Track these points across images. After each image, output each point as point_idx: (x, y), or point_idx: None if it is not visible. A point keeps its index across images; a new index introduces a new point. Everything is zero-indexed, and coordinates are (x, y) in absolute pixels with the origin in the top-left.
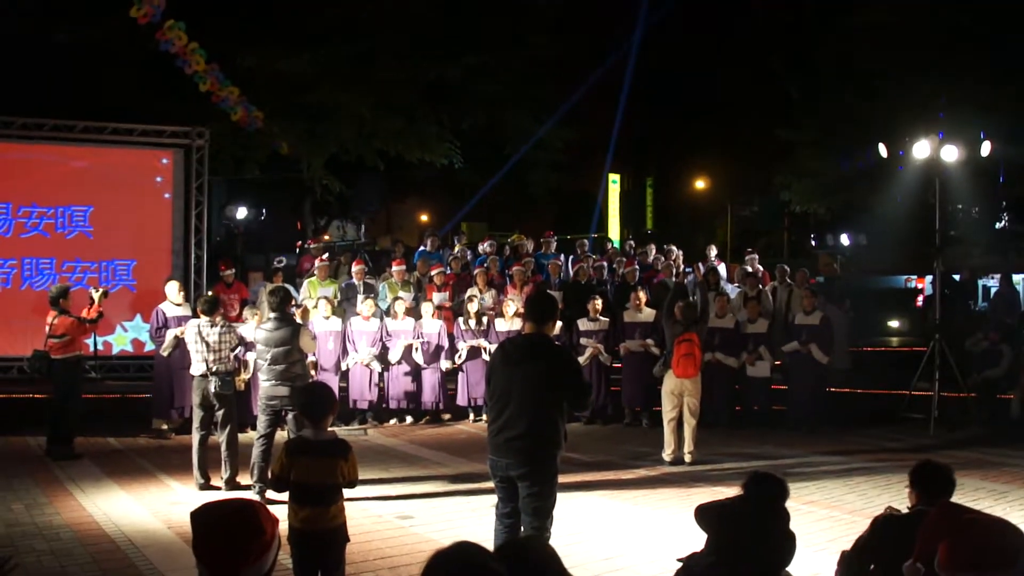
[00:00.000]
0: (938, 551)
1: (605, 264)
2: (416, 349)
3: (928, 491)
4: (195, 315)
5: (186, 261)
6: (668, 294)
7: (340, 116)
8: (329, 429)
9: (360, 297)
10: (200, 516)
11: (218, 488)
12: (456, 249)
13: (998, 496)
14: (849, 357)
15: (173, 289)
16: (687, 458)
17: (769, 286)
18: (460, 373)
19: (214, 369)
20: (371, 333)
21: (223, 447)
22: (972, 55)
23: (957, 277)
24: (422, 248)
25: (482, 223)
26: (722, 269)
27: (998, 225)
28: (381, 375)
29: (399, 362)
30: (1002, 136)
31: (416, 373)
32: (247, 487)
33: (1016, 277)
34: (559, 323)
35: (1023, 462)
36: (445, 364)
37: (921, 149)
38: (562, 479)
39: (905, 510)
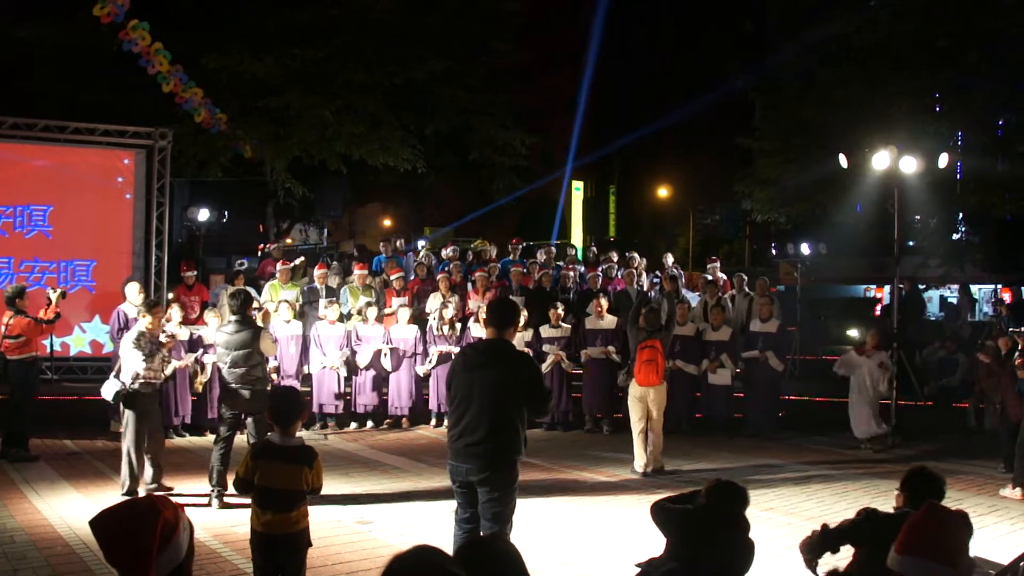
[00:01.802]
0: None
1: (572, 272)
2: (385, 355)
3: (917, 495)
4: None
5: (147, 262)
6: (635, 302)
7: (304, 119)
8: (296, 435)
9: (323, 302)
10: (98, 524)
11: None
12: (421, 254)
13: (954, 504)
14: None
15: (133, 291)
16: (654, 467)
17: (728, 294)
18: (431, 379)
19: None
20: (338, 337)
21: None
22: (930, 68)
23: (922, 287)
24: (383, 254)
25: (446, 228)
26: (680, 277)
27: (955, 236)
28: (348, 380)
29: (367, 367)
30: (959, 147)
31: (384, 379)
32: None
33: (973, 288)
34: (529, 329)
35: (978, 470)
36: (419, 369)
37: (880, 160)
38: (522, 485)
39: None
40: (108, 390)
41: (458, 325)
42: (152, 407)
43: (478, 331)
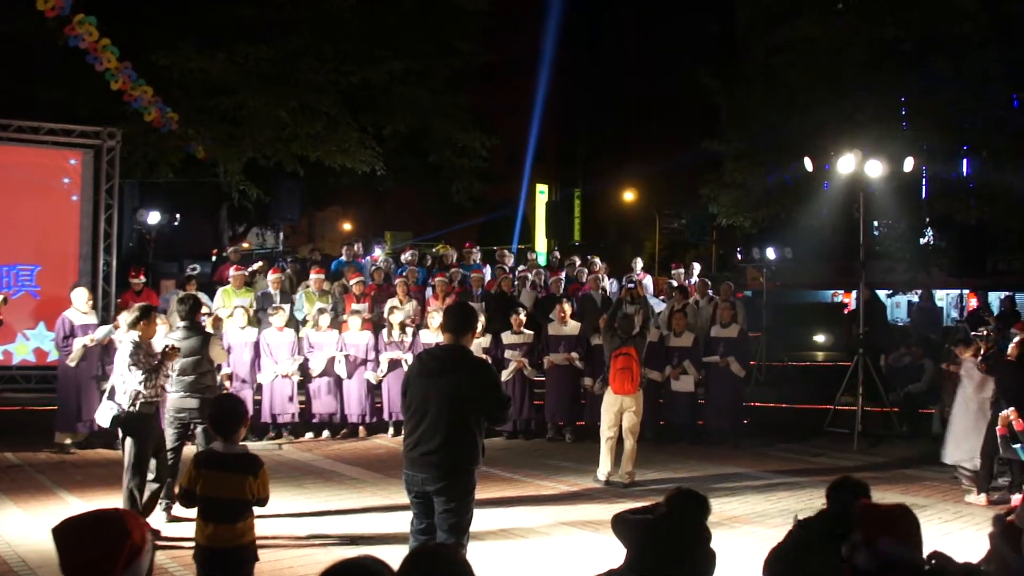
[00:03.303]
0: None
1: (530, 276)
2: (339, 361)
3: (842, 500)
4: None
5: (94, 267)
6: (600, 307)
7: (258, 119)
8: (240, 443)
9: (272, 308)
10: (63, 531)
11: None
12: (380, 259)
13: (918, 510)
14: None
15: (80, 296)
16: (624, 479)
17: (692, 299)
18: (383, 386)
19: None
20: (288, 344)
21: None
22: (896, 72)
23: (888, 292)
24: (342, 257)
25: (406, 232)
26: (648, 282)
27: (922, 240)
28: (302, 387)
29: (321, 375)
30: (924, 152)
31: (339, 386)
32: None
33: (938, 293)
34: (488, 335)
35: (943, 476)
36: (370, 376)
37: (846, 164)
38: (480, 495)
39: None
40: (103, 415)
41: (409, 331)
42: (155, 428)
43: (428, 337)
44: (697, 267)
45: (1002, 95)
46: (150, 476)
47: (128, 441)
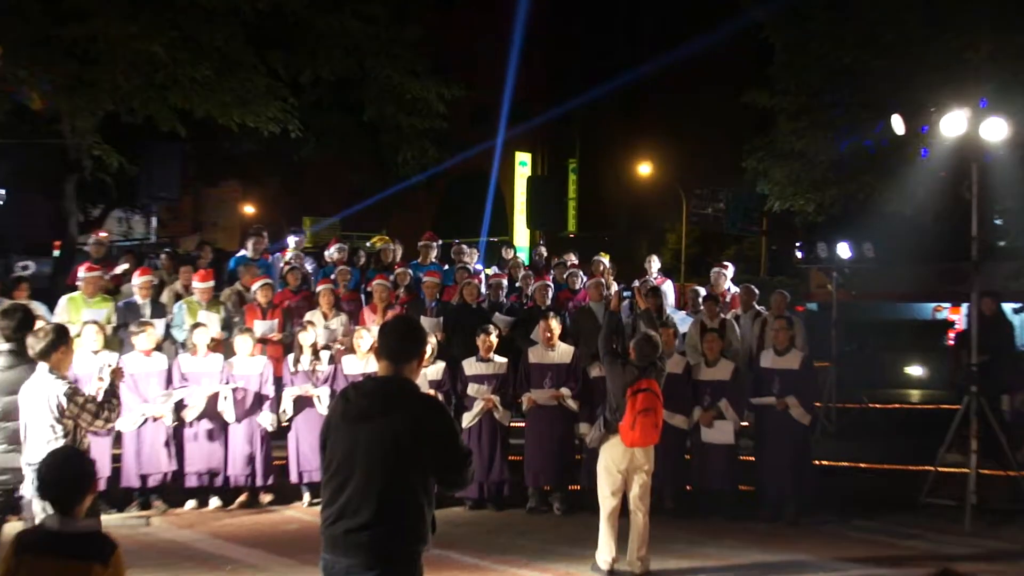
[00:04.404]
0: None
1: (504, 280)
2: (225, 398)
3: None
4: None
5: None
6: (605, 326)
7: (121, 56)
8: (86, 518)
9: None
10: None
11: None
12: (289, 254)
13: None
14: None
15: None
16: (635, 567)
17: (731, 313)
18: (289, 435)
19: None
20: (160, 374)
21: None
22: None
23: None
24: (242, 253)
25: (333, 218)
26: (668, 289)
27: None
28: (177, 434)
29: (200, 418)
30: None
31: (226, 434)
32: None
33: None
34: (441, 363)
35: None
36: (267, 421)
37: (953, 123)
38: None
39: None
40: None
41: (326, 356)
42: None
43: (354, 365)
44: (730, 270)
45: None
46: None
47: None
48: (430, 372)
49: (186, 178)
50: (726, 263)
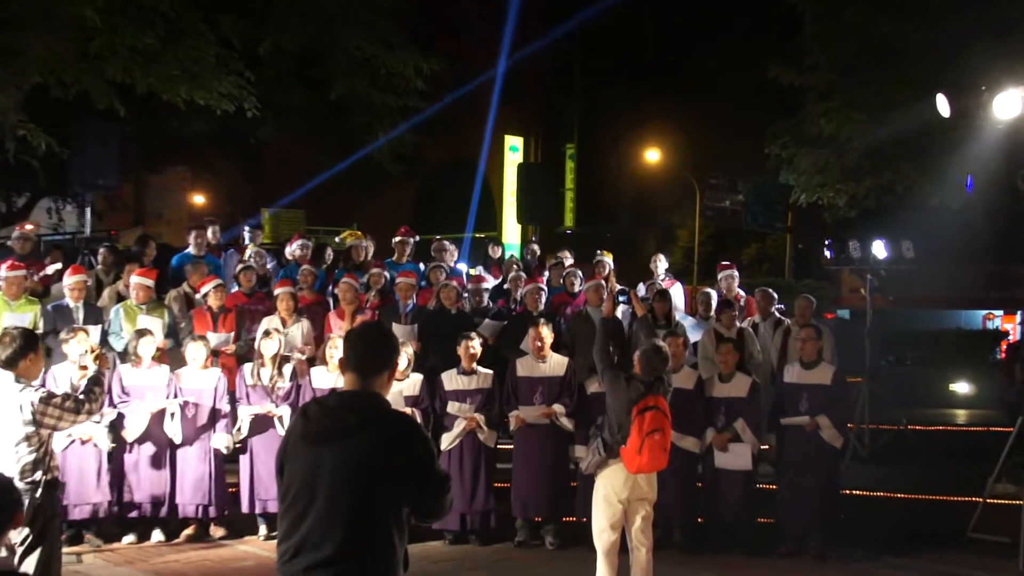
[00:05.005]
0: None
1: (486, 284)
2: (172, 416)
3: None
4: None
5: None
6: (601, 332)
7: (48, 20)
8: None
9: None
10: None
11: None
12: (252, 252)
13: None
14: None
15: None
16: None
17: (748, 321)
18: (243, 458)
19: None
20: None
21: None
22: None
23: None
24: (188, 250)
25: (295, 211)
26: (677, 293)
27: None
28: (111, 458)
29: (143, 439)
30: None
31: (173, 457)
32: None
33: None
34: (417, 376)
35: None
36: (222, 443)
37: (1007, 105)
38: None
39: None
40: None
41: (288, 369)
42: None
43: (323, 379)
44: (735, 276)
45: None
46: None
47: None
48: (405, 387)
49: (126, 163)
50: (730, 263)
